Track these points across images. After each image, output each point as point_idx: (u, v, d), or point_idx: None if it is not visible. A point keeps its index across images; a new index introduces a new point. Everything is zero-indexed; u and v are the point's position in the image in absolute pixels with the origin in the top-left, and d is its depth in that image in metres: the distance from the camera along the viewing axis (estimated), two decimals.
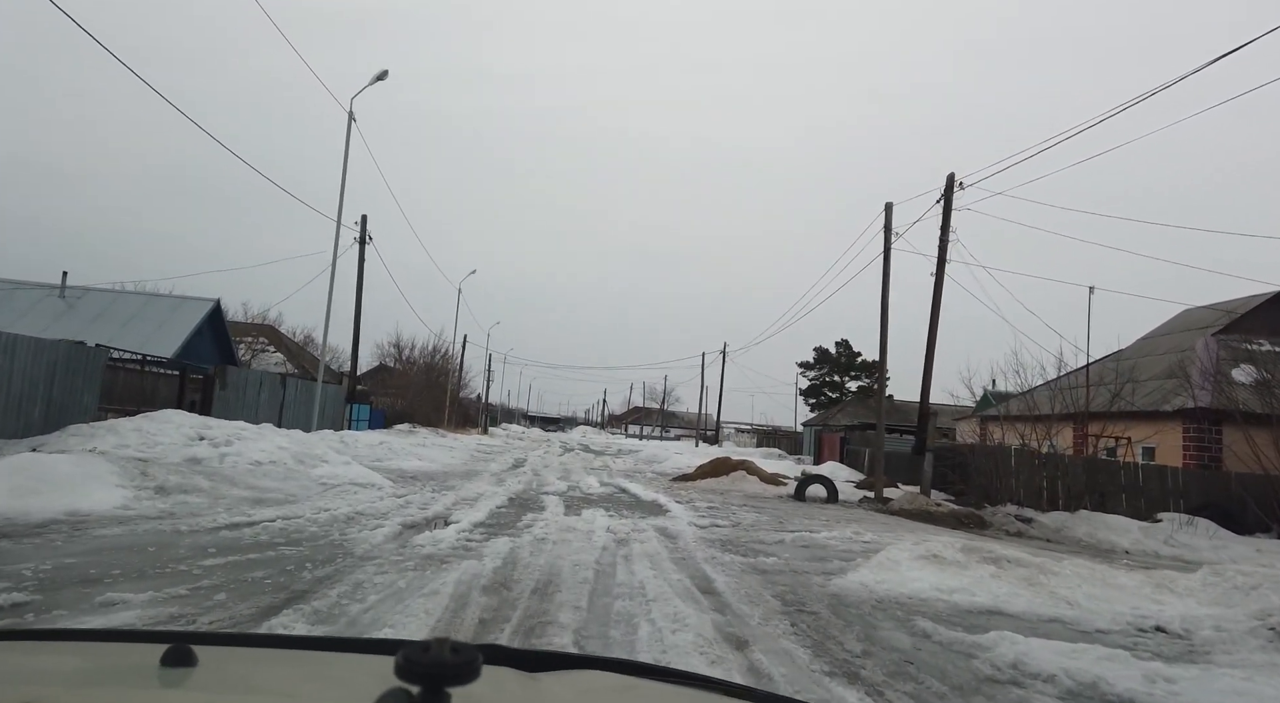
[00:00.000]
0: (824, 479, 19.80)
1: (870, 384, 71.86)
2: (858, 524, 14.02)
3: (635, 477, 23.52)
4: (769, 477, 22.17)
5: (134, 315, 32.63)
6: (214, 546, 7.46)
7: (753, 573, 8.21)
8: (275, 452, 12.65)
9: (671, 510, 14.00)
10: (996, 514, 17.72)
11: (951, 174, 20.49)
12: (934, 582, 7.73)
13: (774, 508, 16.50)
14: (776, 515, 14.74)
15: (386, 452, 20.61)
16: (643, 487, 19.14)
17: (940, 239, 20.55)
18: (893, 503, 18.19)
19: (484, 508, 11.81)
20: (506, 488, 15.75)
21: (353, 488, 12.46)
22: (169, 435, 12.05)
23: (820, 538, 11.37)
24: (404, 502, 11.76)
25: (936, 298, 20.62)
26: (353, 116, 22.23)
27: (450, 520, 10.26)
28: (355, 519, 9.77)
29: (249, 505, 10.04)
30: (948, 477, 21.54)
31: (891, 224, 20.12)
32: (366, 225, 30.87)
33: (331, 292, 22.51)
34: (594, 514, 12.32)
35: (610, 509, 13.60)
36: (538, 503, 13.68)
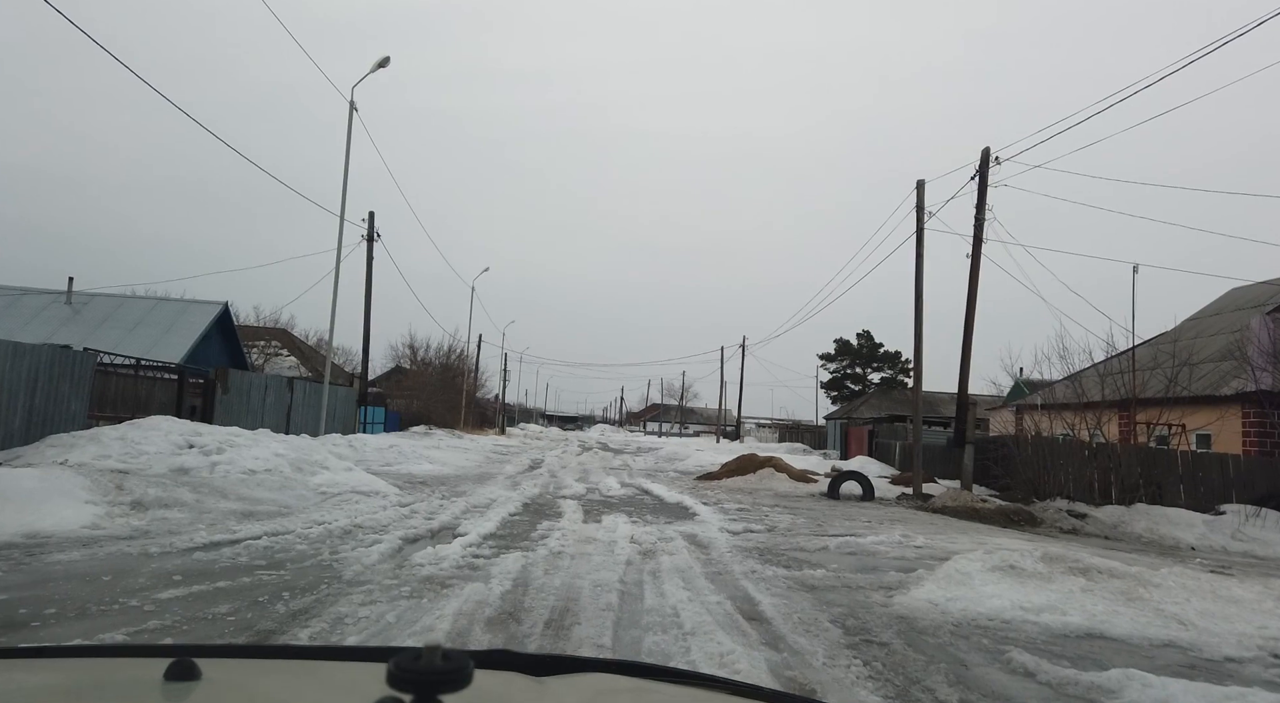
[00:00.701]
0: (858, 476, 18.66)
1: (894, 375, 70.34)
2: (903, 526, 12.89)
3: (657, 476, 22.48)
4: (798, 474, 21.05)
5: (140, 320, 32.05)
6: (182, 572, 6.48)
7: (801, 591, 7.13)
8: (271, 459, 11.71)
9: (699, 514, 12.94)
10: (1047, 510, 16.51)
11: (986, 148, 19.24)
12: (1015, 598, 6.61)
13: (808, 508, 15.40)
14: (813, 517, 13.64)
15: (396, 455, 19.68)
16: (666, 487, 18.09)
17: (976, 217, 19.30)
18: (934, 500, 17.02)
19: (495, 517, 10.80)
20: (521, 492, 14.75)
21: (354, 497, 11.49)
22: (155, 444, 11.14)
23: (867, 543, 10.26)
24: (408, 511, 10.77)
25: (973, 280, 19.39)
26: (354, 106, 21.30)
27: (457, 533, 9.25)
28: (351, 534, 8.78)
29: (236, 520, 9.08)
30: (989, 470, 20.32)
31: (924, 203, 18.92)
32: (374, 222, 30.01)
33: (336, 288, 21.63)
34: (615, 521, 11.28)
35: (633, 514, 12.56)
36: (554, 509, 12.66)
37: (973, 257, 19.48)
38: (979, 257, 19.43)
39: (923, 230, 18.87)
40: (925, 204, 18.98)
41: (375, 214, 30.28)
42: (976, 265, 19.43)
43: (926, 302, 19.34)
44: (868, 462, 28.75)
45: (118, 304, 32.72)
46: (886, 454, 30.25)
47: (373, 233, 29.84)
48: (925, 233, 19.09)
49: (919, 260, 18.87)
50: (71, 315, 31.91)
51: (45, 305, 32.39)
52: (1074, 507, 17.32)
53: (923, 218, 18.89)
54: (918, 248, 18.88)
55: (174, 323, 31.69)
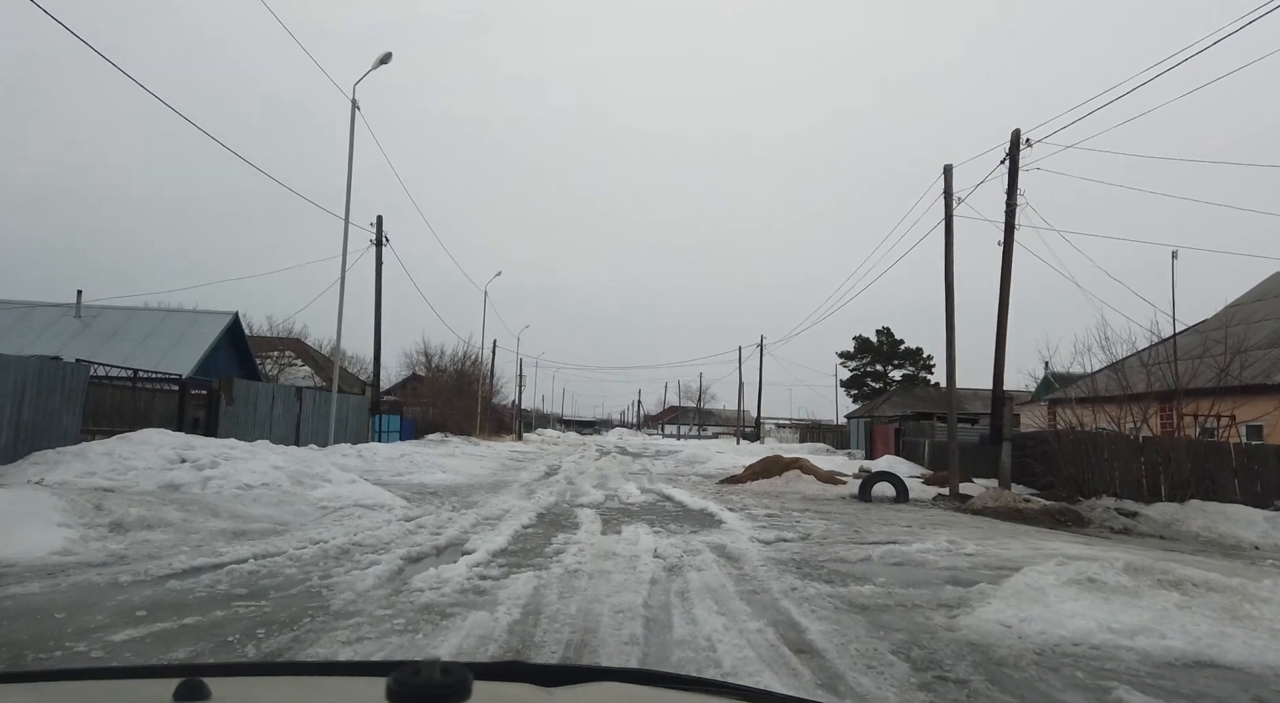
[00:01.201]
0: (890, 477, 17.72)
1: (916, 372, 69.08)
2: (946, 530, 11.98)
3: (678, 481, 21.63)
4: (825, 475, 20.15)
5: (151, 332, 31.67)
6: (149, 605, 5.73)
7: (851, 612, 6.27)
8: (269, 472, 10.98)
9: (726, 521, 12.09)
10: (1094, 509, 15.53)
11: (1016, 130, 18.29)
12: (1101, 618, 5.72)
13: (840, 512, 14.50)
14: (848, 522, 12.75)
15: (408, 465, 18.96)
16: (688, 492, 17.24)
17: (1007, 203, 18.34)
18: (974, 501, 16.06)
19: (507, 530, 10.00)
20: (536, 501, 13.96)
21: (356, 511, 10.74)
22: (145, 459, 10.45)
23: (913, 552, 9.37)
24: (414, 526, 10.00)
25: (1006, 268, 18.43)
26: (356, 104, 20.66)
27: (464, 550, 8.47)
28: (348, 554, 8.01)
29: (224, 540, 8.34)
30: (1029, 468, 19.31)
31: (952, 189, 17.99)
32: (382, 226, 29.39)
33: (342, 293, 20.98)
34: (636, 532, 10.45)
35: (655, 524, 11.74)
36: (571, 519, 11.86)
37: (1004, 244, 18.52)
38: (1011, 244, 18.47)
39: (951, 218, 17.94)
40: (954, 190, 18.04)
41: (383, 220, 29.69)
42: (1009, 253, 18.47)
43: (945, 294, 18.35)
44: (896, 461, 27.76)
45: (127, 317, 32.36)
46: (915, 453, 29.24)
47: (381, 237, 29.23)
48: (953, 220, 18.15)
49: (948, 249, 17.94)
50: (81, 329, 31.57)
51: (54, 319, 32.07)
52: (1122, 505, 16.32)
53: (951, 204, 17.96)
54: (947, 236, 17.95)
55: (184, 334, 31.27)
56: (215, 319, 32.59)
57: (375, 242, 29.28)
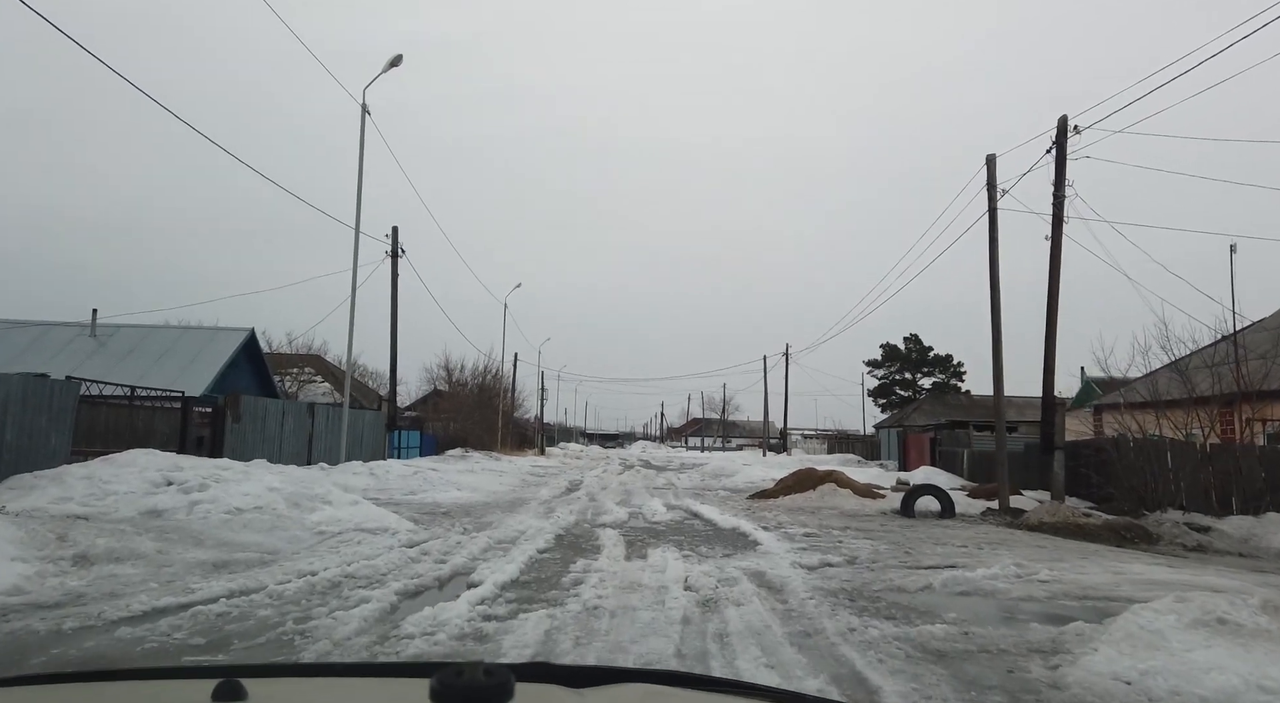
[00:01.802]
0: (934, 490, 16.52)
1: (946, 380, 67.38)
2: (1007, 551, 10.81)
3: (705, 496, 20.54)
4: (863, 489, 18.96)
5: (167, 350, 31.21)
6: (85, 661, 4.80)
7: (926, 660, 5.19)
8: (263, 495, 10.08)
9: (762, 542, 11.01)
10: (1162, 524, 14.23)
11: (1063, 117, 17.13)
12: (1245, 671, 4.60)
13: (884, 531, 13.35)
14: (896, 542, 11.61)
15: (421, 483, 18.06)
16: (717, 509, 16.16)
17: (1055, 194, 17.15)
18: (1028, 516, 14.81)
19: (521, 556, 9.00)
20: (555, 521, 12.95)
21: (356, 536, 9.79)
22: (128, 482, 9.60)
23: (979, 579, 8.23)
24: (417, 553, 9.03)
25: (1054, 265, 17.22)
26: (366, 109, 19.96)
27: (470, 581, 7.49)
28: (337, 588, 7.05)
29: (201, 574, 7.42)
30: (1082, 478, 18.00)
31: (995, 180, 16.83)
32: (398, 237, 28.72)
33: (354, 303, 20.21)
34: (664, 557, 9.40)
35: (683, 546, 10.69)
36: (592, 542, 10.84)
37: (1052, 238, 17.32)
38: (1060, 238, 17.27)
39: (996, 210, 16.78)
40: (997, 182, 16.89)
41: (399, 232, 29.00)
42: (1057, 248, 17.26)
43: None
44: (933, 472, 26.47)
45: (144, 335, 31.94)
46: (953, 463, 27.90)
47: (396, 248, 28.56)
48: (997, 214, 16.98)
49: (993, 244, 16.77)
50: (96, 348, 31.18)
51: (70, 339, 31.73)
52: (1191, 519, 15.00)
53: (995, 196, 16.80)
54: (991, 230, 16.79)
55: (200, 352, 30.78)
56: (231, 336, 32.08)
57: (390, 253, 28.62)
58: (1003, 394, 16.67)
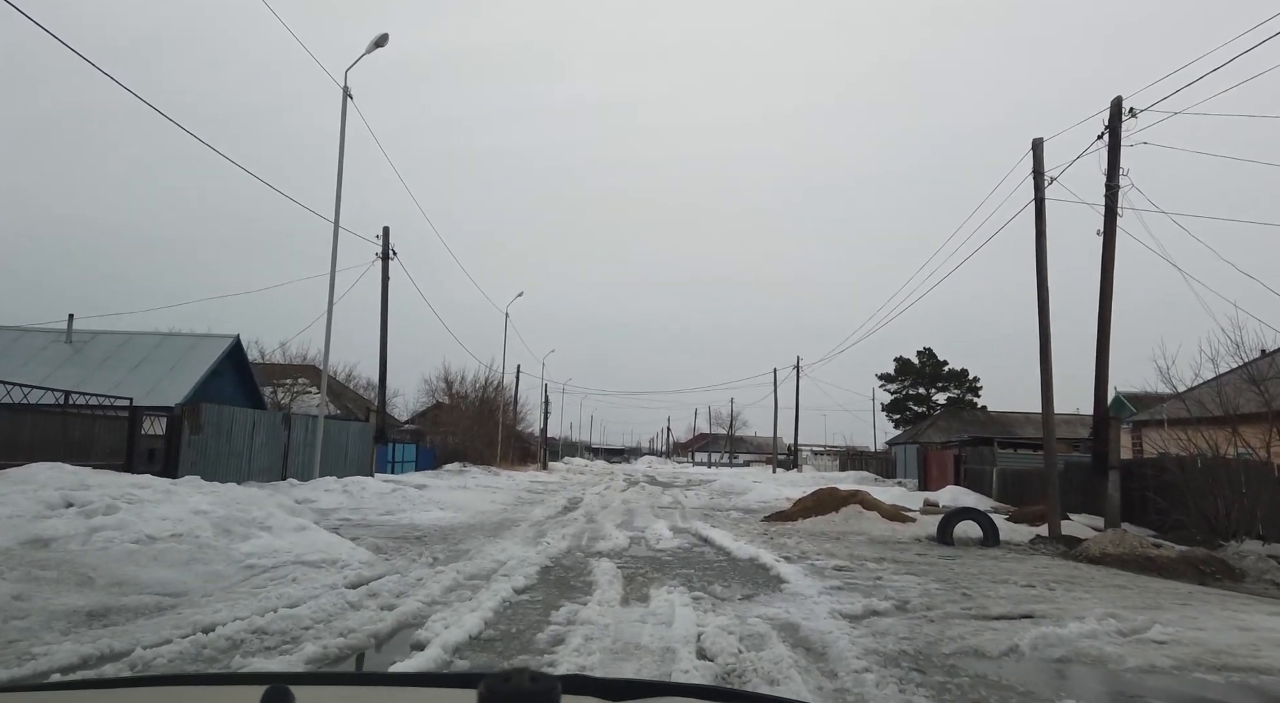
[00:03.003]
0: (975, 514, 14.66)
1: (961, 395, 65.35)
2: (1082, 591, 8.97)
3: (716, 518, 18.69)
4: (890, 511, 17.09)
5: (145, 358, 29.58)
6: None
7: None
8: (186, 519, 8.33)
9: (787, 579, 9.18)
10: (1245, 557, 12.33)
11: (1118, 98, 15.38)
12: None
13: (925, 562, 11.51)
14: (944, 578, 9.76)
15: (400, 501, 16.27)
16: (730, 533, 14.32)
17: (1108, 185, 15.38)
18: (1087, 546, 12.92)
19: (491, 599, 7.21)
20: (544, 549, 11.15)
21: (294, 572, 8.01)
22: (14, 504, 7.85)
23: (1074, 638, 6.38)
24: (362, 595, 7.23)
25: (1107, 262, 15.42)
26: (348, 92, 18.35)
27: (417, 639, 5.70)
28: (231, 652, 5.26)
29: (61, 630, 5.64)
30: (1142, 501, 16.07)
31: (1043, 167, 15.06)
32: (389, 239, 27.14)
33: (331, 301, 18.52)
34: (670, 601, 7.57)
35: (694, 583, 8.87)
36: (583, 577, 9.03)
37: (1105, 233, 15.52)
38: (1114, 233, 15.47)
39: (1043, 201, 15.00)
40: (1044, 168, 15.12)
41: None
42: (1111, 244, 15.45)
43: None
44: (961, 492, 24.55)
45: (121, 342, 30.34)
46: (980, 483, 25.97)
47: (387, 250, 26.98)
48: (1045, 204, 15.19)
49: (1040, 238, 14.97)
50: (72, 354, 29.57)
51: (45, 345, 30.12)
52: (1274, 550, 13.08)
53: (1042, 185, 15.02)
54: (1038, 223, 15.00)
55: (180, 360, 29.14)
56: (215, 343, 30.42)
57: (381, 255, 27.04)
58: (1052, 404, 14.83)
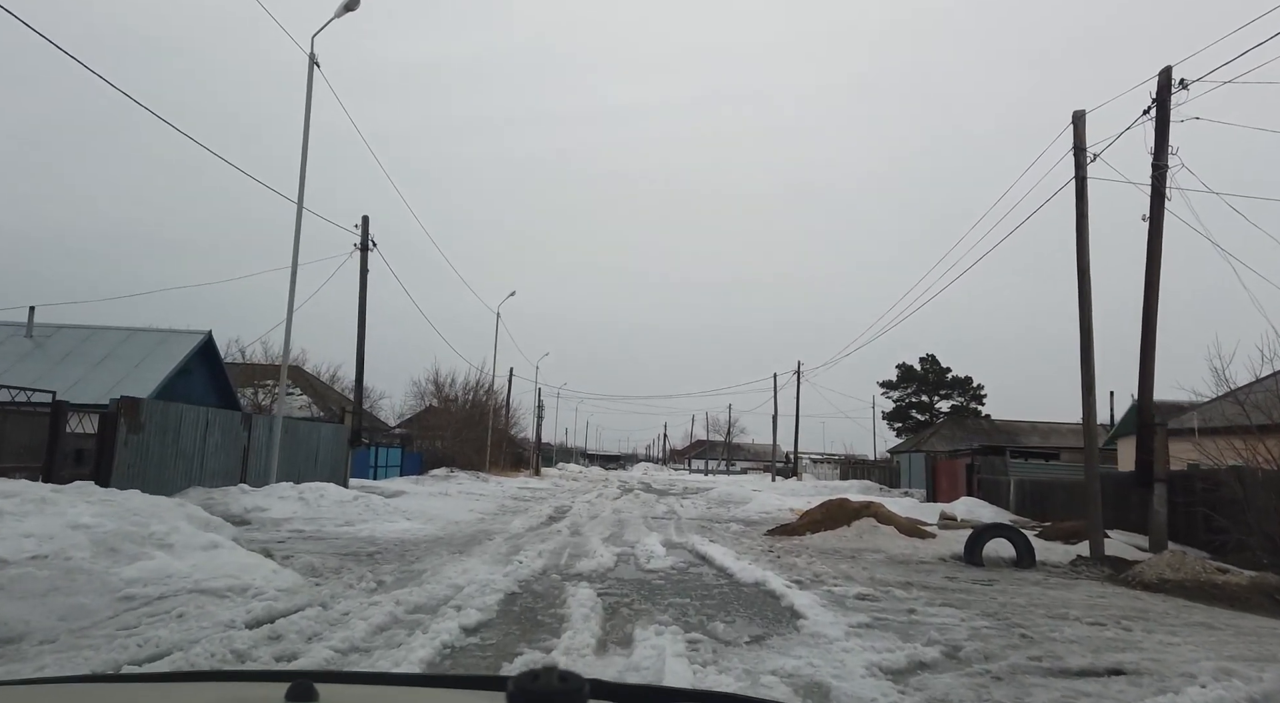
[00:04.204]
0: (1007, 531, 13.01)
1: (965, 403, 63.75)
2: (1164, 632, 7.34)
3: (714, 530, 17.03)
4: (908, 526, 15.45)
5: (110, 353, 27.94)
6: None
7: None
8: (59, 536, 6.68)
9: (803, 613, 7.52)
10: None
11: (1166, 69, 13.81)
12: None
13: (959, 588, 9.85)
14: (989, 611, 8.10)
15: (363, 511, 14.59)
16: (731, 550, 12.67)
17: (1154, 164, 13.81)
18: (1141, 570, 11.25)
19: (429, 643, 5.56)
20: (515, 569, 9.50)
21: (185, 603, 6.34)
22: None
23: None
24: (258, 639, 5.56)
25: (1153, 250, 13.83)
26: (314, 60, 16.72)
27: None
28: None
29: None
30: (1193, 518, 14.40)
31: (1084, 142, 13.45)
32: (368, 228, 25.49)
33: (293, 289, 16.86)
34: (659, 647, 5.90)
35: (690, 619, 7.23)
36: (554, 609, 7.38)
37: (1151, 217, 13.94)
38: (1161, 217, 13.88)
39: (1085, 179, 13.38)
40: (1085, 144, 13.51)
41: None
42: (1158, 230, 13.87)
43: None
44: (975, 504, 22.93)
45: (86, 336, 28.68)
46: (995, 494, 24.33)
47: (366, 240, 25.31)
48: (1079, 183, 13.58)
49: (1080, 221, 13.35)
50: (32, 349, 27.89)
51: (3, 339, 28.45)
52: None
53: (1084, 161, 13.41)
54: (1079, 205, 13.38)
55: (147, 356, 27.47)
56: (184, 339, 28.74)
57: (360, 245, 25.38)
58: (1094, 408, 13.18)
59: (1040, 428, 58.98)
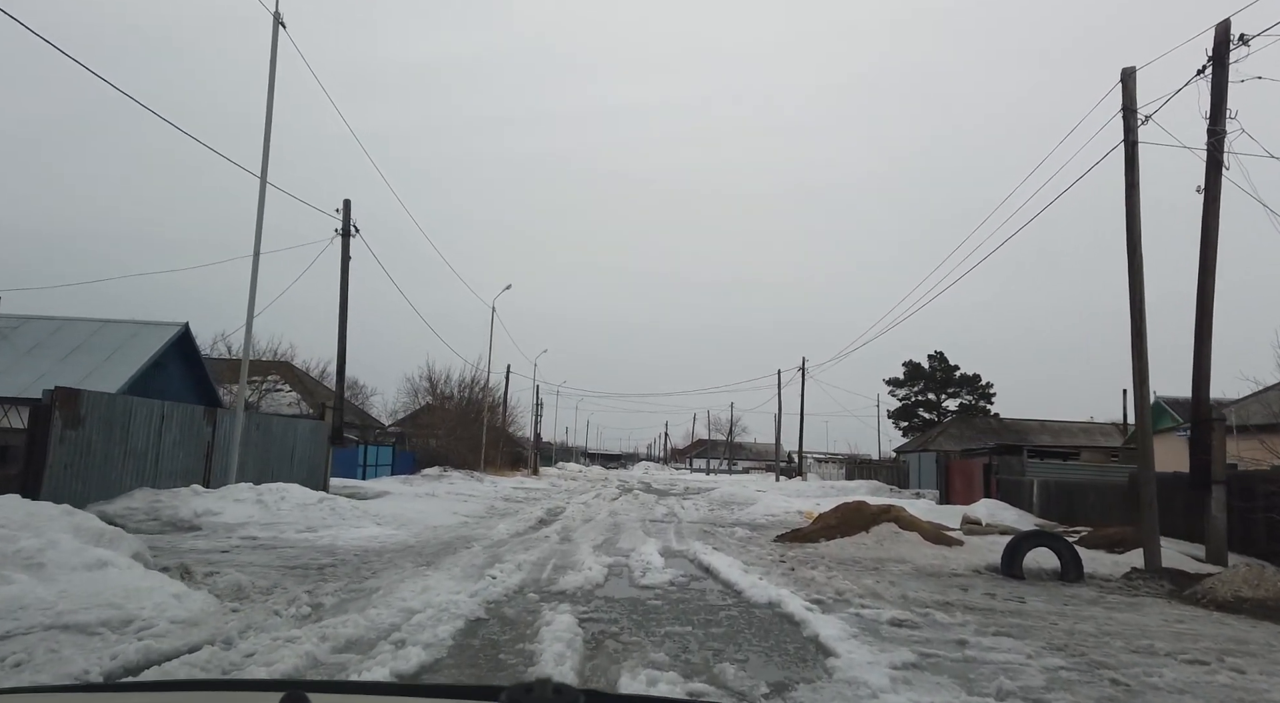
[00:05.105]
0: (1050, 539, 11.53)
1: (974, 401, 62.21)
2: None
3: (717, 535, 15.57)
4: (932, 532, 13.97)
5: (79, 345, 26.50)
6: None
7: None
8: None
9: (835, 650, 6.05)
10: None
11: (1225, 22, 12.32)
12: None
13: (1008, 609, 8.38)
14: (1059, 644, 6.63)
15: (328, 514, 13.14)
16: (738, 560, 11.20)
17: (1210, 130, 12.32)
18: (1213, 585, 9.76)
19: None
20: (488, 585, 8.05)
21: (36, 643, 4.88)
22: None
23: None
24: None
25: (1209, 224, 12.33)
26: (280, 20, 15.25)
27: None
28: None
29: None
30: (1241, 525, 12.95)
31: (1134, 103, 11.97)
32: (350, 213, 24.02)
33: (256, 265, 15.38)
34: None
35: (693, 655, 5.77)
36: (525, 642, 5.91)
37: (1207, 189, 12.44)
38: (1218, 189, 12.39)
39: (1135, 145, 11.89)
40: (1136, 105, 12.01)
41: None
42: (1214, 203, 12.38)
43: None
44: (997, 507, 21.44)
45: (54, 328, 27.24)
46: (1017, 496, 22.82)
47: (348, 226, 23.84)
48: (1129, 149, 12.08)
49: (1130, 191, 11.85)
50: None
51: None
52: None
53: (1134, 124, 11.92)
54: (1127, 173, 11.89)
55: (119, 348, 26.04)
56: (159, 331, 27.27)
57: (342, 231, 23.91)
58: (1147, 399, 11.69)
59: (1050, 427, 57.48)
